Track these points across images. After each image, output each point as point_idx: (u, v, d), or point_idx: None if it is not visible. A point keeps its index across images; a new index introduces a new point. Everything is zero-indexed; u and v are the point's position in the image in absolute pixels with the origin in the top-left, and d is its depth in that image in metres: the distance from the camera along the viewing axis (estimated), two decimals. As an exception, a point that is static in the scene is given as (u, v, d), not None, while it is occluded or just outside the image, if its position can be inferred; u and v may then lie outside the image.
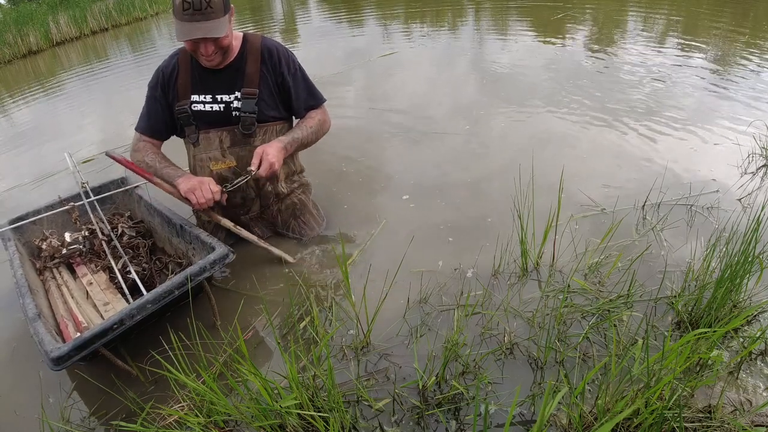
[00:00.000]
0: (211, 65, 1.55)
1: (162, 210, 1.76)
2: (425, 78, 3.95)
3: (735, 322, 1.03)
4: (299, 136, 1.66)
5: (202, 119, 1.63)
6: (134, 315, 1.24)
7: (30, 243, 1.83)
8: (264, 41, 1.64)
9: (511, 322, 1.39)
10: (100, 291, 1.61)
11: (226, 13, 1.44)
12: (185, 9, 1.36)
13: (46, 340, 1.17)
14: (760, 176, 2.04)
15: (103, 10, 10.73)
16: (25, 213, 1.83)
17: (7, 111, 4.94)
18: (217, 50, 1.49)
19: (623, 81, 3.37)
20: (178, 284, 1.32)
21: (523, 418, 1.12)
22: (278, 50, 1.64)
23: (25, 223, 1.80)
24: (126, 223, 1.89)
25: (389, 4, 8.34)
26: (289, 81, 1.65)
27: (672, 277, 1.50)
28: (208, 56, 1.49)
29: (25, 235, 1.83)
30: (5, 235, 1.73)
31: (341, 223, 1.99)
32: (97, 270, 1.72)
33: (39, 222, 1.85)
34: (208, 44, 1.46)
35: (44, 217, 1.84)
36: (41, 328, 1.22)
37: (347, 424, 1.10)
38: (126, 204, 2.06)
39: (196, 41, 1.44)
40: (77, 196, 1.82)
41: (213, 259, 1.40)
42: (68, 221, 1.86)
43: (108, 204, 2.01)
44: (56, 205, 1.85)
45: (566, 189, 1.75)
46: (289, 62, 1.65)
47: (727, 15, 5.30)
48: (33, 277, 1.65)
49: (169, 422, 1.16)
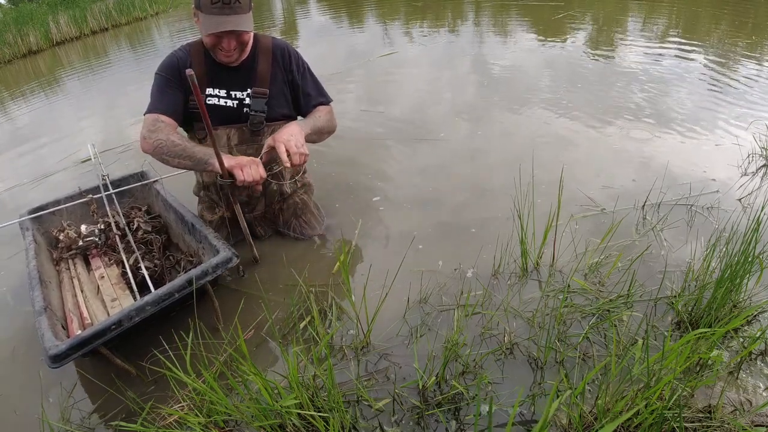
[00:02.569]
0: (228, 61, 1.55)
1: (176, 206, 1.76)
2: (425, 78, 3.95)
3: (735, 322, 1.03)
4: (315, 124, 1.63)
5: (213, 114, 1.60)
6: (133, 317, 1.23)
7: (49, 233, 1.85)
8: (274, 41, 1.66)
9: (511, 322, 1.39)
10: (110, 286, 1.62)
11: (250, 10, 1.46)
12: (214, 2, 1.38)
13: (47, 337, 1.18)
14: (760, 176, 2.04)
15: (103, 10, 10.72)
16: (46, 203, 1.86)
17: (8, 111, 4.94)
18: (237, 46, 1.50)
19: (623, 81, 3.38)
20: (179, 287, 1.31)
21: (523, 417, 1.12)
22: (288, 50, 1.66)
23: (44, 213, 1.82)
24: (142, 218, 1.89)
25: (389, 4, 8.34)
26: (298, 79, 1.67)
27: (672, 277, 1.50)
28: (228, 51, 1.50)
29: (44, 224, 1.86)
30: (24, 225, 1.76)
31: (341, 223, 1.99)
32: (110, 264, 1.73)
33: (59, 213, 1.87)
34: (231, 39, 1.47)
35: (64, 208, 1.86)
36: (44, 323, 1.23)
37: (347, 424, 1.10)
38: (145, 198, 2.07)
39: (219, 35, 1.45)
40: (97, 188, 1.85)
41: (216, 262, 1.39)
42: (88, 213, 1.88)
43: (127, 197, 2.02)
44: (76, 196, 1.87)
45: (566, 189, 1.75)
46: (298, 61, 1.68)
47: (727, 16, 5.30)
48: (48, 268, 1.67)
49: (169, 422, 1.16)
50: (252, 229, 1.89)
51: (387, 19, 7.06)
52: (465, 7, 7.33)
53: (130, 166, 2.09)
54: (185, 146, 1.48)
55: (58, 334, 1.26)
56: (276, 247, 1.86)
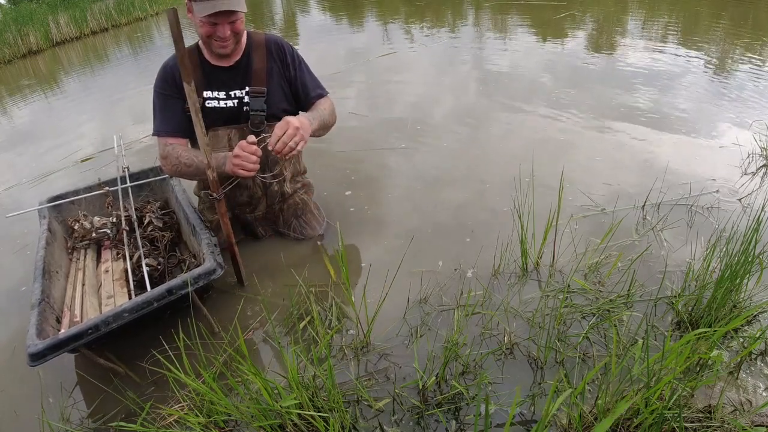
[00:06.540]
0: (225, 52, 1.53)
1: (184, 205, 1.76)
2: (425, 78, 3.95)
3: (735, 322, 1.03)
4: (322, 118, 1.61)
5: (213, 116, 1.61)
6: (110, 322, 1.22)
7: (66, 222, 1.88)
8: (267, 36, 1.65)
9: (511, 322, 1.39)
10: (111, 281, 1.62)
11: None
12: None
13: (29, 334, 1.19)
14: (760, 176, 2.04)
15: (103, 10, 10.72)
16: (65, 192, 1.92)
17: (8, 111, 4.94)
18: (232, 34, 1.49)
19: (623, 81, 3.38)
20: (158, 296, 1.29)
21: (523, 417, 1.12)
22: (281, 43, 1.66)
23: (63, 203, 1.87)
24: (154, 213, 1.90)
25: (389, 4, 8.34)
26: (295, 72, 1.66)
27: (672, 277, 1.50)
28: (224, 40, 1.49)
29: (62, 213, 1.90)
30: (42, 213, 1.79)
31: (341, 223, 1.99)
32: (117, 257, 1.74)
33: (78, 203, 1.92)
34: (225, 26, 1.46)
35: (82, 199, 1.91)
36: (34, 318, 1.25)
37: (347, 424, 1.10)
38: (163, 192, 2.08)
39: (214, 23, 1.44)
40: (116, 180, 1.90)
41: (198, 273, 1.35)
42: (105, 205, 1.93)
43: (146, 191, 2.05)
44: (94, 187, 1.91)
45: (566, 189, 1.75)
46: (293, 54, 1.67)
47: (727, 16, 5.30)
48: (60, 257, 1.70)
49: (169, 422, 1.16)
50: (252, 229, 1.89)
51: (387, 18, 7.06)
52: (465, 7, 7.33)
53: (132, 166, 2.09)
54: (197, 165, 1.52)
55: (44, 330, 1.26)
56: (276, 248, 1.86)
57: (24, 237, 2.18)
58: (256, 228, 1.89)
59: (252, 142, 1.42)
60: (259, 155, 1.44)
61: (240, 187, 1.70)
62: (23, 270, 1.92)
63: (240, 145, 1.42)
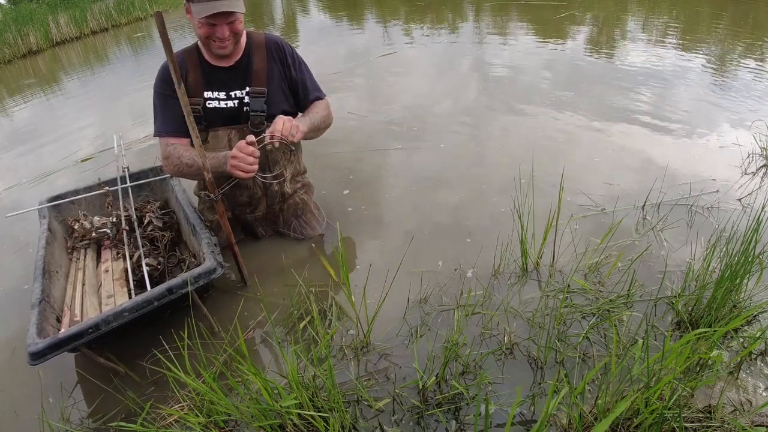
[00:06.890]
0: (224, 53, 1.53)
1: (184, 205, 1.76)
2: (424, 78, 3.95)
3: (735, 322, 1.03)
4: (312, 122, 1.62)
5: (214, 116, 1.61)
6: (110, 321, 1.23)
7: (66, 222, 1.88)
8: (267, 36, 1.65)
9: (511, 322, 1.39)
10: (111, 281, 1.62)
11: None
12: None
13: (30, 333, 1.19)
14: (760, 176, 2.04)
15: (103, 10, 10.71)
16: (65, 192, 1.91)
17: (8, 111, 4.94)
18: (231, 35, 1.50)
19: (624, 81, 3.37)
20: (158, 295, 1.29)
21: (523, 417, 1.12)
22: (281, 43, 1.66)
23: (63, 203, 1.87)
24: (154, 213, 1.90)
25: (389, 4, 8.34)
26: (295, 72, 1.67)
27: (672, 277, 1.50)
28: (222, 41, 1.49)
29: (62, 213, 1.90)
30: (42, 212, 1.79)
31: (341, 223, 1.99)
32: (117, 257, 1.74)
33: (78, 202, 1.92)
34: (224, 27, 1.46)
35: (82, 199, 1.91)
36: (34, 317, 1.25)
37: (347, 424, 1.10)
38: (163, 192, 2.08)
39: (212, 24, 1.45)
40: (116, 180, 1.90)
41: (198, 272, 1.35)
42: (105, 204, 1.93)
43: (146, 191, 2.05)
44: (94, 187, 1.91)
45: (566, 189, 1.75)
46: (293, 54, 1.68)
47: (727, 16, 5.30)
48: (60, 257, 1.70)
49: (169, 422, 1.16)
50: (252, 229, 1.89)
51: (387, 18, 7.06)
52: (465, 7, 7.33)
53: (132, 166, 2.09)
54: (198, 165, 1.52)
55: (44, 330, 1.26)
56: (276, 248, 1.86)
57: (24, 236, 2.18)
58: (256, 228, 1.89)
59: (251, 143, 1.41)
60: (257, 156, 1.44)
61: (240, 187, 1.70)
62: (23, 270, 1.92)
63: (238, 146, 1.42)
